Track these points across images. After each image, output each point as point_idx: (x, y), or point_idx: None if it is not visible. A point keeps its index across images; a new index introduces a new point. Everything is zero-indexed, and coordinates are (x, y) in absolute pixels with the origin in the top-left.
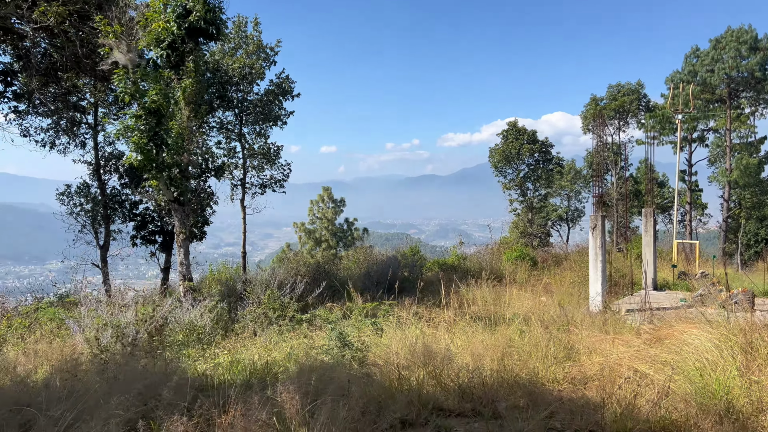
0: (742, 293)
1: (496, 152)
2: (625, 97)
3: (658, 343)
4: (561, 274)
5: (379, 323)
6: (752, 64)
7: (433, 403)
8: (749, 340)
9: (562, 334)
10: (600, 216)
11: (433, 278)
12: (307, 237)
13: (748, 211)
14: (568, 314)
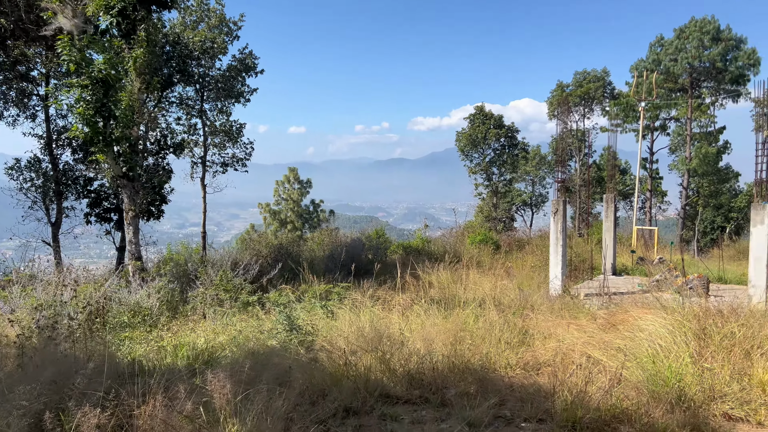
0: (697, 279)
1: (462, 136)
2: (591, 84)
3: (612, 329)
4: (523, 257)
5: (330, 306)
6: (714, 55)
7: (380, 389)
8: (703, 326)
9: (517, 318)
10: (561, 201)
11: (396, 261)
12: (272, 218)
13: (706, 199)
14: (527, 298)
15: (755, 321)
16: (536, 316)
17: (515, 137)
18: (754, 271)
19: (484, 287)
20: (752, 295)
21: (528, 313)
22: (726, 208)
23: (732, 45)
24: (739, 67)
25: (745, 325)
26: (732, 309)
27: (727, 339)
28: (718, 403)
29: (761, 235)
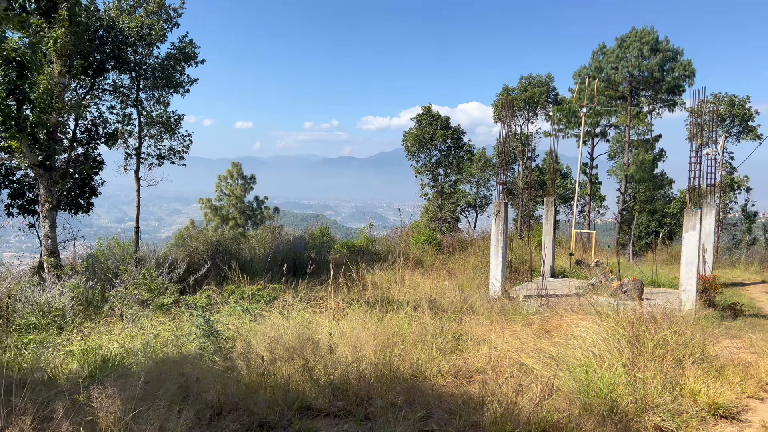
0: (632, 282)
1: (409, 136)
2: (535, 89)
3: (547, 335)
4: (465, 258)
5: (254, 309)
6: (652, 65)
7: (300, 401)
8: (636, 333)
9: (453, 322)
10: (503, 203)
11: (339, 260)
12: (213, 214)
13: (642, 204)
14: (467, 299)
15: (687, 327)
16: (473, 319)
17: (461, 139)
18: (686, 275)
19: (425, 288)
20: (683, 299)
21: (463, 317)
22: (660, 213)
23: (669, 56)
24: (675, 78)
25: (678, 332)
26: (665, 315)
27: (660, 347)
28: (650, 414)
29: (692, 241)
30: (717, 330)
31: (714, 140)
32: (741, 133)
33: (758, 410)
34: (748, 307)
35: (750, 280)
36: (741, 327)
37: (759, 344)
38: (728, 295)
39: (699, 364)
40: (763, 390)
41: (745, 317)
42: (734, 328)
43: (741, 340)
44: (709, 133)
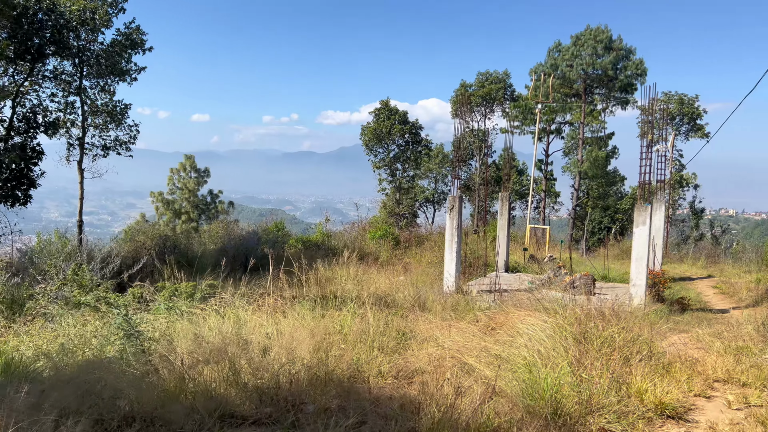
0: (583, 277)
1: (367, 130)
2: (492, 86)
3: (493, 332)
4: (422, 253)
5: (181, 307)
6: (606, 63)
7: (223, 408)
8: (584, 330)
9: (400, 318)
10: (457, 198)
11: (294, 255)
12: (165, 208)
13: (595, 200)
14: (421, 294)
15: (636, 323)
16: (421, 316)
17: (419, 134)
18: (636, 270)
19: (380, 284)
20: (633, 294)
21: (409, 313)
22: (612, 209)
23: (622, 55)
24: (628, 76)
25: (626, 328)
26: (614, 311)
27: (608, 344)
28: (595, 416)
29: (643, 236)
30: (665, 325)
31: (664, 138)
32: (690, 131)
33: (705, 409)
34: (695, 301)
35: (697, 274)
36: (688, 321)
37: (706, 339)
38: (676, 289)
39: (646, 362)
40: (710, 387)
41: (692, 311)
42: (682, 322)
43: (688, 335)
44: (659, 130)
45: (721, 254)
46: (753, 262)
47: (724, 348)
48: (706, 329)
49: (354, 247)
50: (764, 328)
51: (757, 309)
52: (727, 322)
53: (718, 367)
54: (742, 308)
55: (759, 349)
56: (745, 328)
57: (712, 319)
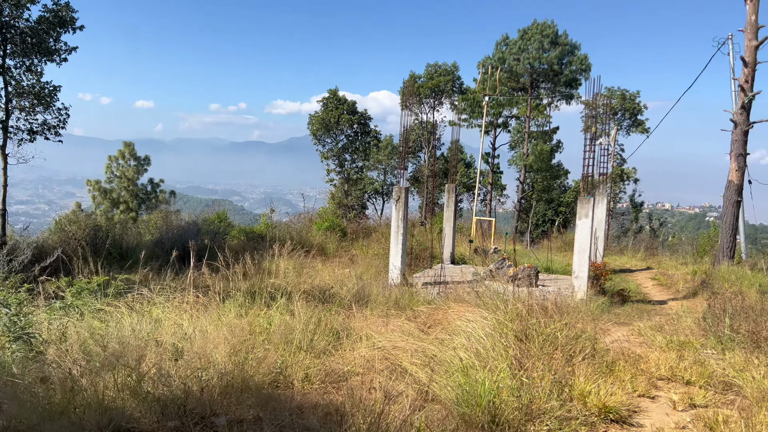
0: (527, 269)
1: (315, 120)
2: (441, 77)
3: (431, 329)
4: (369, 245)
5: (81, 306)
6: (552, 58)
7: (118, 422)
8: (525, 327)
9: (335, 315)
10: (404, 189)
11: (236, 247)
12: (102, 197)
13: (539, 193)
14: (365, 287)
15: (578, 319)
16: (359, 312)
17: (368, 125)
18: (578, 262)
19: (324, 276)
20: (576, 286)
21: (347, 309)
22: (556, 202)
23: (568, 50)
24: (572, 71)
25: (569, 324)
26: (557, 306)
27: (550, 342)
28: (536, 423)
29: (585, 228)
30: (607, 317)
31: (607, 132)
32: (631, 126)
33: (650, 411)
34: (635, 293)
35: (636, 266)
36: (629, 313)
37: (648, 334)
38: (617, 281)
39: (589, 361)
40: (654, 387)
41: (632, 303)
42: (623, 314)
43: (630, 328)
44: (602, 125)
45: (658, 246)
46: (689, 254)
47: (666, 343)
48: (648, 322)
49: (299, 238)
50: (704, 322)
51: (693, 300)
52: (666, 314)
53: (661, 364)
54: (680, 299)
55: (700, 344)
56: (685, 321)
57: (652, 311)
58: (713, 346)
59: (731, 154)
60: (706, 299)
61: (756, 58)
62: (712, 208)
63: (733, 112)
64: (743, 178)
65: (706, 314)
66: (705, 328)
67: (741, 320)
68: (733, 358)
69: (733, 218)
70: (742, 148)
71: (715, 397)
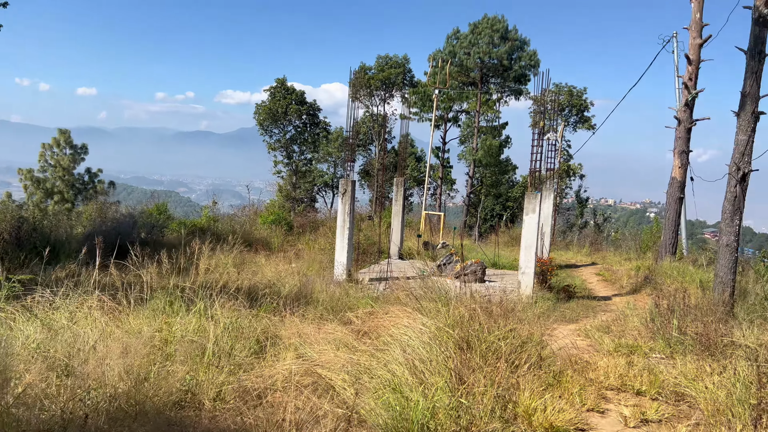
0: (474, 264)
1: (262, 109)
2: (392, 70)
3: (367, 336)
4: (316, 239)
5: None
6: (501, 53)
7: None
8: (466, 334)
9: (263, 318)
10: (350, 181)
11: (174, 241)
12: (35, 187)
13: (488, 188)
14: (308, 284)
15: (524, 323)
16: (293, 316)
17: (317, 115)
18: (525, 258)
19: (267, 272)
20: (522, 282)
21: (273, 313)
22: (504, 197)
23: (517, 45)
24: (522, 67)
25: (514, 330)
26: (502, 308)
27: (493, 350)
28: None
29: (532, 224)
30: (553, 314)
31: (554, 128)
32: (578, 122)
33: (600, 429)
34: (581, 288)
35: (582, 261)
36: (575, 309)
37: (595, 335)
38: (563, 276)
39: (535, 371)
40: (603, 399)
41: (578, 299)
42: (568, 311)
43: (577, 326)
44: (550, 121)
45: (603, 242)
46: (632, 249)
47: (615, 347)
48: (594, 321)
49: (243, 232)
50: (652, 323)
51: (637, 296)
52: (611, 311)
53: (610, 372)
54: (624, 295)
55: (648, 347)
56: (632, 321)
57: (597, 307)
58: (662, 349)
59: (674, 151)
60: (649, 295)
61: (700, 56)
62: (652, 204)
63: (676, 110)
64: (686, 175)
65: (653, 314)
66: (653, 330)
67: (688, 321)
68: (685, 366)
69: (675, 215)
70: (685, 145)
71: (668, 410)
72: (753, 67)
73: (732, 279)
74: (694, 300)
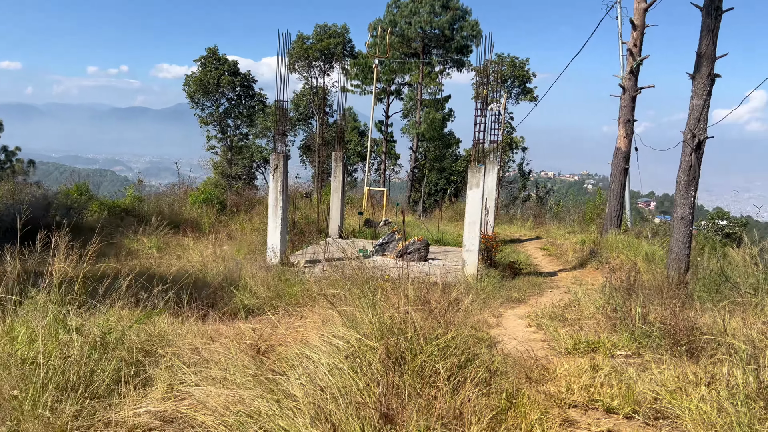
0: (417, 242)
1: (192, 81)
2: (331, 39)
3: (266, 356)
4: (251, 219)
5: None
6: (443, 22)
7: None
8: (398, 345)
9: (155, 323)
10: (282, 155)
11: (94, 224)
12: None
13: (432, 162)
14: (236, 269)
15: (471, 309)
16: (185, 321)
17: (252, 87)
18: (469, 235)
19: (193, 256)
20: (466, 260)
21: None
22: (448, 171)
23: (459, 15)
24: (464, 38)
25: (457, 337)
26: (446, 301)
27: (430, 366)
28: None
29: (476, 198)
30: (500, 294)
31: (497, 99)
32: (520, 94)
33: None
34: (526, 264)
35: (526, 236)
36: (521, 288)
37: (549, 326)
38: (507, 252)
39: (484, 388)
40: (569, 424)
41: (523, 276)
42: (515, 289)
43: (526, 308)
44: (493, 93)
45: (546, 214)
46: (576, 222)
47: (573, 343)
48: (545, 306)
49: (171, 212)
50: (612, 311)
51: (583, 271)
52: (559, 287)
53: (573, 382)
54: (570, 270)
55: (611, 343)
56: (587, 306)
57: (543, 284)
58: (627, 344)
59: (619, 120)
60: (596, 269)
61: (645, 20)
62: (590, 175)
63: (621, 77)
64: (631, 145)
65: (609, 297)
66: (613, 319)
67: (650, 307)
68: (662, 373)
69: (620, 186)
70: (630, 114)
71: None
72: (709, 25)
73: (687, 254)
74: (646, 277)
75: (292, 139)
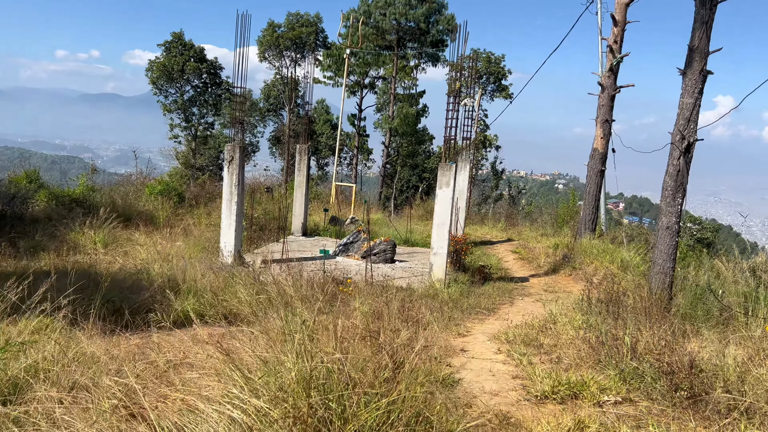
0: (384, 243)
1: (155, 66)
2: (304, 29)
3: (138, 423)
4: (211, 213)
5: None
6: (419, 15)
7: None
8: (320, 413)
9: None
10: (237, 146)
11: (40, 215)
12: None
13: (404, 158)
14: (183, 270)
15: (435, 326)
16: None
17: (219, 75)
18: (437, 237)
19: (142, 253)
20: (434, 264)
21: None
22: (421, 168)
23: (435, 8)
24: (439, 31)
25: (413, 385)
26: (397, 329)
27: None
28: None
29: (446, 199)
30: (468, 302)
31: (471, 96)
32: (495, 91)
33: None
34: (497, 268)
35: (497, 237)
36: (491, 294)
37: (521, 355)
38: (478, 255)
39: None
40: None
41: (494, 281)
42: (484, 296)
43: (496, 322)
44: (467, 89)
45: (518, 215)
46: (548, 224)
47: (552, 385)
48: (516, 326)
49: (125, 204)
50: (594, 339)
51: (555, 277)
52: (530, 294)
53: None
54: (542, 276)
55: (597, 385)
56: (566, 330)
57: (514, 290)
58: (616, 386)
59: (597, 120)
60: (568, 275)
61: (626, 16)
62: (561, 175)
63: (600, 75)
64: (608, 147)
65: (590, 316)
66: (597, 348)
67: (638, 333)
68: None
69: (596, 189)
70: (609, 113)
71: None
72: (703, 16)
73: (672, 267)
74: (627, 291)
75: (261, 130)
